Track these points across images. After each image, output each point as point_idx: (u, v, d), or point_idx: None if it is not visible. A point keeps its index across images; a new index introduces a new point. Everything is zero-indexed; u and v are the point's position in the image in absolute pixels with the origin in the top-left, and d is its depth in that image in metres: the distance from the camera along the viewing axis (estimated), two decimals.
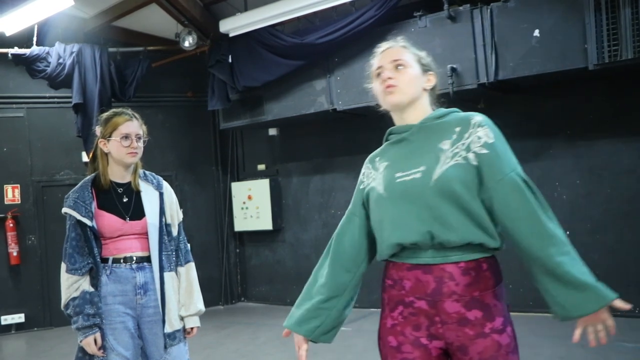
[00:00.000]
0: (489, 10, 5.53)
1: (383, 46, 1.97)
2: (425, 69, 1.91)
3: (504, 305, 1.78)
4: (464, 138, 1.76)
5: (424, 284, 1.76)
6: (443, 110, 1.90)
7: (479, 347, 1.72)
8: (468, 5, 5.68)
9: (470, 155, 1.73)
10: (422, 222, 1.73)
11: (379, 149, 2.01)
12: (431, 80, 1.92)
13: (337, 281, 2.02)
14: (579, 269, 1.67)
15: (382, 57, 1.94)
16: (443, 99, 1.99)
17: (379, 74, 1.92)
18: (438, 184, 1.72)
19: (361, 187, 1.97)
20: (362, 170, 2.01)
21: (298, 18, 6.57)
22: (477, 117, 1.79)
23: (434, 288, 1.75)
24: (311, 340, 2.08)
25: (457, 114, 1.87)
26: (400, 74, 1.87)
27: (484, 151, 1.73)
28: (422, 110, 1.90)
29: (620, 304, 1.64)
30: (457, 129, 1.79)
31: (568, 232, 6.39)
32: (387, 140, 2.00)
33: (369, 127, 7.19)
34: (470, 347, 1.72)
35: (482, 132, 1.75)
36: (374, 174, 1.92)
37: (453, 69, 5.56)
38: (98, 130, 2.72)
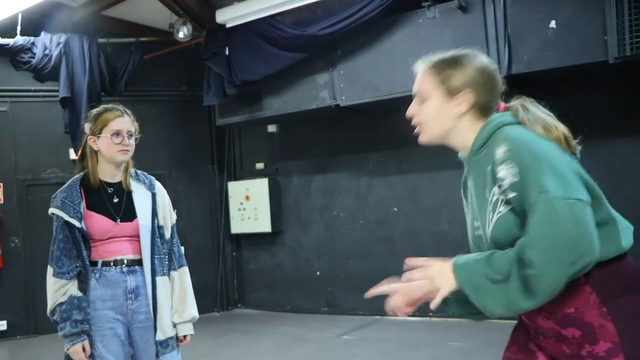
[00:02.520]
0: (502, 0, 5.53)
1: (417, 66, 1.86)
2: (453, 91, 1.73)
3: (621, 328, 1.54)
4: (496, 181, 1.61)
5: None
6: (481, 135, 1.72)
7: None
8: None
9: (504, 199, 1.59)
10: None
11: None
12: (463, 104, 1.72)
13: None
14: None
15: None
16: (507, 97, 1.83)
17: None
18: (492, 244, 1.64)
19: None
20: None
21: (299, 8, 6.57)
22: (499, 151, 1.60)
23: None
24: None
25: (493, 139, 1.68)
26: (423, 108, 1.78)
27: (512, 194, 1.55)
28: (465, 138, 1.76)
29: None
30: (489, 169, 1.64)
31: None
32: None
33: (373, 124, 7.21)
34: None
35: (503, 172, 1.57)
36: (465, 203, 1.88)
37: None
38: (87, 127, 2.73)
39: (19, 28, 6.59)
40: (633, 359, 1.53)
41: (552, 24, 5.29)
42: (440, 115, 1.75)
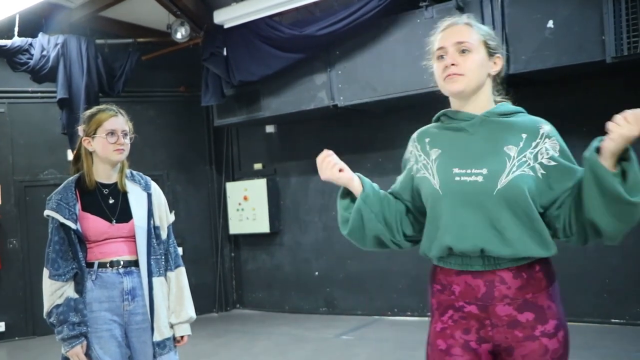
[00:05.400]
0: (499, 0, 5.52)
1: (445, 22, 1.92)
2: (492, 51, 1.88)
3: (558, 306, 1.81)
4: (531, 147, 1.78)
5: (473, 288, 1.80)
6: (508, 106, 1.89)
7: (524, 349, 1.76)
8: None
9: (537, 166, 1.77)
10: (478, 232, 1.76)
11: (426, 128, 1.99)
12: (497, 65, 1.90)
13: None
14: None
15: (444, 36, 1.88)
16: (505, 86, 2.00)
17: (440, 56, 1.87)
18: (503, 192, 1.73)
19: (408, 166, 1.99)
20: (409, 148, 2.00)
21: (297, 8, 6.56)
22: (546, 127, 1.82)
23: (484, 292, 1.79)
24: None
25: (524, 116, 1.88)
26: (465, 59, 1.83)
27: (552, 163, 1.78)
28: (485, 100, 1.88)
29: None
30: (524, 136, 1.80)
31: None
32: (438, 120, 1.96)
33: (372, 123, 7.20)
34: (516, 349, 1.77)
35: (549, 143, 1.79)
36: (424, 160, 1.91)
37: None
38: (81, 128, 2.72)
39: (16, 29, 6.58)
40: (565, 328, 1.82)
41: (550, 23, 5.28)
42: (481, 70, 1.86)
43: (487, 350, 1.82)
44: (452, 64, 1.82)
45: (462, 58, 1.83)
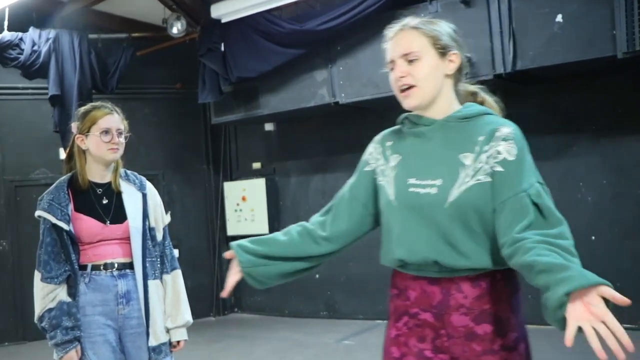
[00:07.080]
0: None
1: (391, 30, 1.89)
2: (444, 50, 1.79)
3: (519, 318, 1.76)
4: (484, 151, 1.71)
5: (429, 295, 1.77)
6: (471, 109, 1.81)
7: None
8: None
9: (489, 171, 1.70)
10: (430, 246, 1.72)
11: (391, 130, 1.96)
12: (454, 61, 1.81)
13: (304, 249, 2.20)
14: (564, 258, 1.49)
15: (391, 47, 1.86)
16: (481, 86, 1.97)
17: (392, 68, 1.85)
18: (454, 206, 1.69)
19: (366, 169, 1.95)
20: (369, 149, 1.97)
21: (297, 2, 6.57)
22: (504, 129, 1.72)
23: (440, 300, 1.75)
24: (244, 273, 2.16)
25: (487, 118, 1.79)
26: (414, 68, 1.78)
27: (499, 169, 1.68)
28: (446, 103, 1.82)
29: (612, 293, 1.37)
30: (481, 139, 1.73)
31: (593, 237, 6.31)
32: (402, 123, 1.91)
33: (374, 121, 7.20)
34: None
35: (503, 146, 1.70)
36: (382, 164, 1.89)
37: (467, 59, 5.55)
38: (74, 126, 2.73)
39: (6, 23, 6.56)
40: (526, 340, 1.77)
41: (559, 18, 5.28)
42: (434, 75, 1.79)
43: None
44: (401, 76, 1.80)
45: (411, 67, 1.79)
